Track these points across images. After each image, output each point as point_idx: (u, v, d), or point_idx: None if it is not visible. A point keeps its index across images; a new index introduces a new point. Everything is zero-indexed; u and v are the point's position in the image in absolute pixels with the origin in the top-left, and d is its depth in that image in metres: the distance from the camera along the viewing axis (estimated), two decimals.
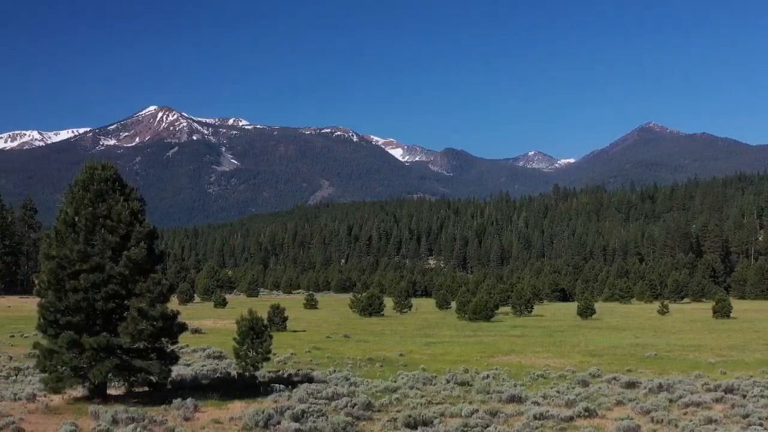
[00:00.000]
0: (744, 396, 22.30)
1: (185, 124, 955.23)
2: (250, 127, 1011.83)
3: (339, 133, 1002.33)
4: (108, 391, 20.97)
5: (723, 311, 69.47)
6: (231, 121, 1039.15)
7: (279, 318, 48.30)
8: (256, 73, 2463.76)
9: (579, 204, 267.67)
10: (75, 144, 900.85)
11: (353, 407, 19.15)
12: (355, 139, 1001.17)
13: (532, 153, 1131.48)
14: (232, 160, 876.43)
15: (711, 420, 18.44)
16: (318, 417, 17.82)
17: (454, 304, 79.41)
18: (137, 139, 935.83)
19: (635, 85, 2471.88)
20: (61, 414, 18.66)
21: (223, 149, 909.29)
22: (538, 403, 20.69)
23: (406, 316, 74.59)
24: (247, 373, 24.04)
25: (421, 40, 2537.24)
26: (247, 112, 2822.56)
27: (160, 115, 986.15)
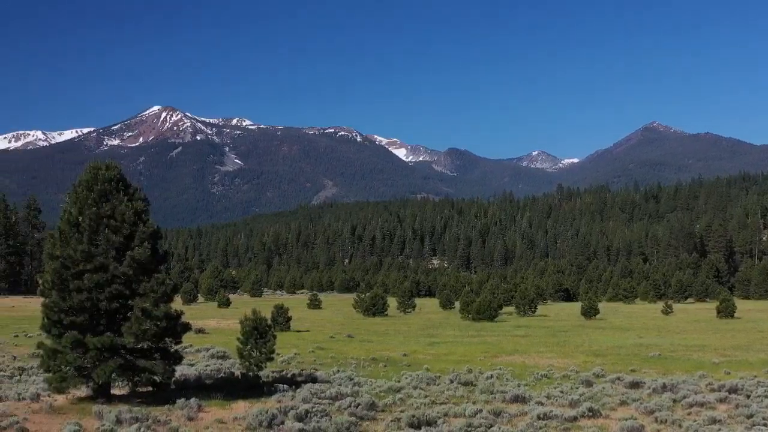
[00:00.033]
0: (748, 396, 22.25)
1: (189, 124, 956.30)
2: (253, 127, 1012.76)
3: (342, 133, 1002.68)
4: (112, 391, 20.97)
5: (727, 311, 69.31)
6: (235, 121, 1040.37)
7: (282, 318, 48.32)
8: (260, 73, 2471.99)
9: (583, 204, 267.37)
10: (79, 144, 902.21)
11: (357, 407, 19.15)
12: (358, 139, 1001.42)
13: (536, 153, 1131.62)
14: (236, 160, 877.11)
15: (715, 420, 18.40)
16: (322, 417, 17.82)
17: (457, 304, 79.27)
18: (141, 139, 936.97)
19: (639, 85, 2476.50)
20: (65, 414, 18.67)
21: (227, 149, 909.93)
22: (542, 403, 20.68)
23: (409, 316, 74.53)
24: (250, 373, 24.04)
25: (422, 40, 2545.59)
26: (250, 112, 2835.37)
27: (163, 115, 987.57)
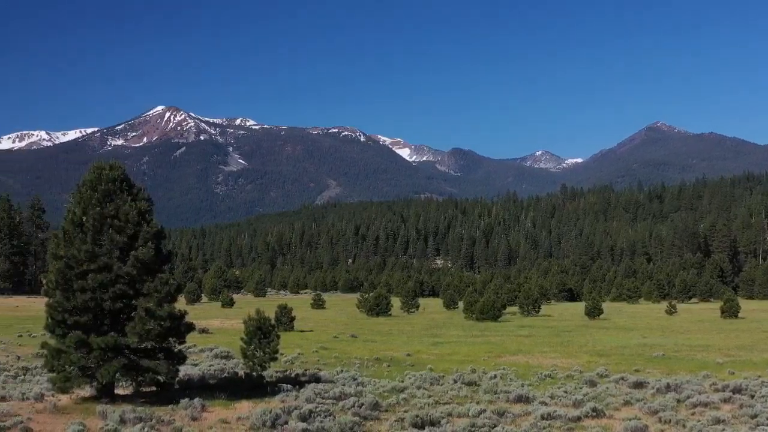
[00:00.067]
0: (752, 396, 22.20)
1: (193, 124, 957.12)
2: (257, 127, 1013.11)
3: (346, 133, 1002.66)
4: (116, 390, 21.01)
5: (731, 311, 69.21)
6: (238, 121, 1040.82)
7: (286, 318, 48.35)
8: (262, 73, 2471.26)
9: (586, 204, 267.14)
10: (83, 144, 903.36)
11: (360, 407, 19.15)
12: (362, 139, 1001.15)
13: (540, 153, 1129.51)
14: (240, 160, 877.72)
15: (719, 420, 18.37)
16: (325, 417, 17.82)
17: (461, 304, 79.30)
18: (145, 139, 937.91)
19: (641, 85, 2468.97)
20: (69, 414, 18.69)
21: (231, 149, 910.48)
22: (546, 403, 20.66)
23: (413, 316, 74.55)
24: (254, 373, 24.05)
25: (423, 40, 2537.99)
26: (254, 112, 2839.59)
27: (167, 115, 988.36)
